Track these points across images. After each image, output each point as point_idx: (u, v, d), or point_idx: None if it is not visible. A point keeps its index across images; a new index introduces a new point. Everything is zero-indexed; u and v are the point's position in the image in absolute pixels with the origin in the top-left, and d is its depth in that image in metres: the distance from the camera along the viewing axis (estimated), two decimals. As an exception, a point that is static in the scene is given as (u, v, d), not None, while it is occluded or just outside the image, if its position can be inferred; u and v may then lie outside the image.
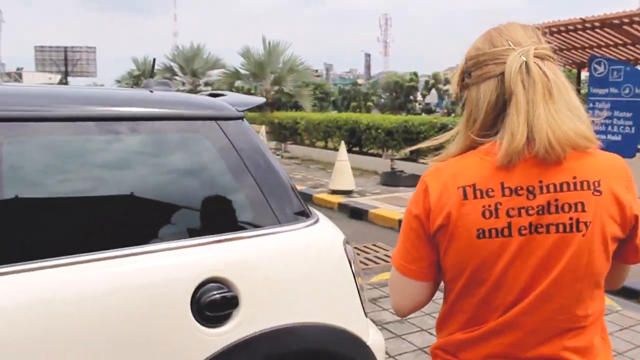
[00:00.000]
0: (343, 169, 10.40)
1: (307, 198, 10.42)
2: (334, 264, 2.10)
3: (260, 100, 2.42)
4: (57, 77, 66.81)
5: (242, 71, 21.59)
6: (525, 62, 1.20)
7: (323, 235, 2.12)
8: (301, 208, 2.12)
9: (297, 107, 20.85)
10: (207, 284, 1.80)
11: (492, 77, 1.23)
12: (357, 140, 14.67)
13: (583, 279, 1.20)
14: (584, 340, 1.24)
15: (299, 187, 11.03)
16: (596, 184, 1.18)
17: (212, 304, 1.79)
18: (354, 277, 2.13)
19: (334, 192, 10.28)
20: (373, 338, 2.22)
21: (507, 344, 1.22)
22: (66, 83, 77.62)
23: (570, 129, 1.16)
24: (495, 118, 1.24)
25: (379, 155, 13.72)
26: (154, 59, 2.66)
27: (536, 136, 1.15)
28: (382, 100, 39.80)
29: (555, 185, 1.18)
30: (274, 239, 1.98)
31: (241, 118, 2.14)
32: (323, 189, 10.81)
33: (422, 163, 10.88)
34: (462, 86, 1.32)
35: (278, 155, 16.99)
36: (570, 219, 1.17)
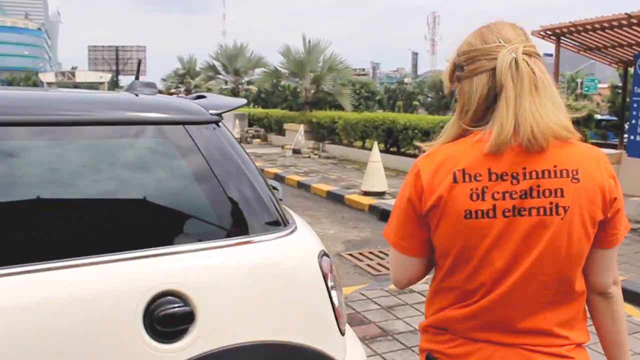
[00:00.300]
0: (376, 170, 10.22)
1: (338, 199, 10.30)
2: (306, 279, 1.97)
3: (240, 101, 2.30)
4: (108, 76, 68.74)
5: (282, 70, 21.56)
6: (515, 58, 1.29)
7: (295, 247, 1.99)
8: (275, 217, 2.00)
9: (339, 106, 20.66)
10: (161, 297, 1.71)
11: (484, 72, 1.32)
12: (395, 140, 14.45)
13: (564, 259, 1.30)
14: (567, 313, 1.35)
15: (330, 188, 10.93)
16: (574, 172, 1.29)
17: (166, 318, 1.69)
18: (329, 292, 1.99)
19: (366, 193, 10.12)
20: (351, 358, 2.08)
21: (496, 319, 1.33)
22: (117, 81, 79.74)
23: (551, 121, 1.27)
24: (485, 110, 1.33)
25: (416, 156, 13.48)
26: (139, 60, 2.60)
27: (521, 127, 1.26)
28: (429, 99, 39.22)
29: (537, 172, 1.29)
30: (238, 251, 1.87)
31: (215, 122, 2.03)
32: (356, 189, 10.65)
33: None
34: (454, 79, 1.41)
35: (316, 154, 16.91)
36: (551, 203, 1.28)
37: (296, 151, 17.37)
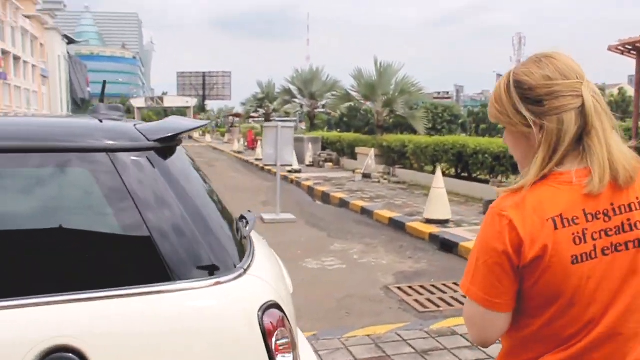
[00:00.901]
0: (439, 197, 9.69)
1: (400, 226, 9.86)
2: (236, 338, 1.64)
3: (195, 123, 2.03)
4: (194, 101, 71.51)
5: (353, 93, 21.35)
6: (593, 96, 1.30)
7: (231, 298, 1.67)
8: (213, 261, 1.70)
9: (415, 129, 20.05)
10: (54, 353, 1.45)
11: (572, 110, 1.29)
12: (465, 165, 13.81)
13: None
14: None
15: (393, 214, 10.50)
16: None
17: None
18: (270, 355, 1.65)
19: (429, 221, 9.60)
20: None
21: (603, 356, 1.30)
22: (204, 106, 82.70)
23: (631, 157, 1.32)
24: (572, 148, 1.31)
25: (487, 182, 12.79)
26: (104, 82, 2.39)
27: (619, 167, 1.29)
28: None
29: (625, 207, 1.31)
30: (154, 300, 1.58)
31: (153, 149, 1.77)
32: (419, 217, 10.15)
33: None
34: (525, 112, 1.33)
35: (385, 179, 16.49)
36: None
37: (366, 175, 17.02)
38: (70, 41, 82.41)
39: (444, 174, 13.36)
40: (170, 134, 1.85)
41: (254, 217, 2.36)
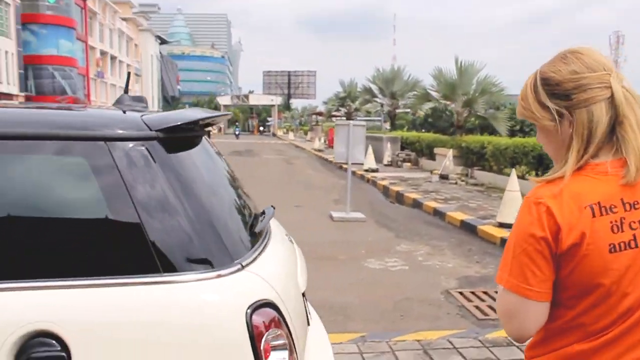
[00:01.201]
0: (513, 200, 9.27)
1: (471, 229, 9.55)
2: (223, 335, 1.58)
3: (204, 115, 1.97)
4: (279, 99, 72.80)
5: (433, 93, 20.87)
6: (623, 86, 1.30)
7: (220, 294, 1.61)
8: (207, 256, 1.65)
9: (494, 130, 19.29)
10: (35, 338, 1.45)
11: (602, 101, 1.29)
12: (546, 168, 13.18)
13: None
14: None
15: (466, 217, 10.17)
16: None
17: None
18: (257, 355, 1.57)
19: (501, 225, 9.23)
20: None
21: (632, 343, 1.29)
22: (289, 104, 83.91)
23: None
24: (606, 140, 1.31)
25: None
26: (129, 73, 2.41)
27: None
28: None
29: None
30: (139, 292, 1.55)
31: (154, 139, 1.74)
32: (493, 220, 9.78)
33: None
34: (552, 107, 1.34)
35: (463, 181, 16.03)
36: None
37: (443, 177, 16.63)
38: (163, 41, 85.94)
39: (523, 177, 12.81)
40: (175, 124, 1.81)
41: (272, 211, 2.29)
